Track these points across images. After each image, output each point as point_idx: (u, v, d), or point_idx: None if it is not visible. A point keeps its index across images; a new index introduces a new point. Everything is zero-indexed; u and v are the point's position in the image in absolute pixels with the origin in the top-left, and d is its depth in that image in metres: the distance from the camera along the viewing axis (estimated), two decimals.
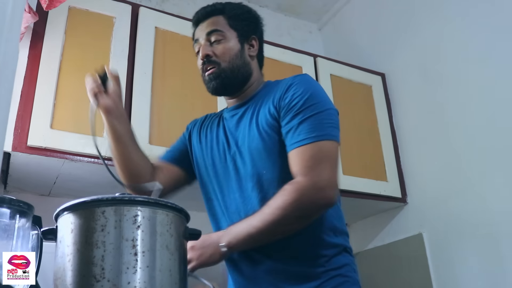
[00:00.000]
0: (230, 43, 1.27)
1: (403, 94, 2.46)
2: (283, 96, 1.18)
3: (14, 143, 1.52)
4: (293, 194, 1.07)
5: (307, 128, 1.12)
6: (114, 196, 0.84)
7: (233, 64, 1.26)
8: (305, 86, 1.19)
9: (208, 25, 1.28)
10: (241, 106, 1.29)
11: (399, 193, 2.29)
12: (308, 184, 1.08)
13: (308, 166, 1.09)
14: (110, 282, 0.77)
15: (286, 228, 1.10)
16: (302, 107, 1.14)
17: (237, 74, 1.26)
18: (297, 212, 1.07)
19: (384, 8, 2.66)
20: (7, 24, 0.66)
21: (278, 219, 1.07)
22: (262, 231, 1.07)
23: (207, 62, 1.25)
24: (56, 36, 1.70)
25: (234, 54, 1.27)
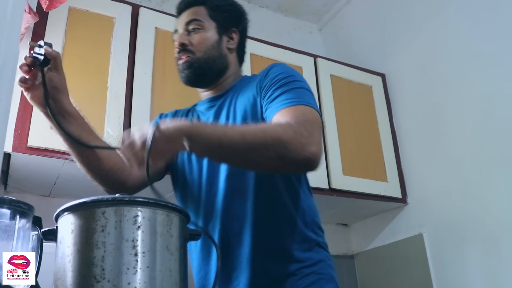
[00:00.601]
0: (207, 33, 1.23)
1: (403, 95, 2.46)
2: (263, 80, 1.15)
3: (14, 143, 1.52)
4: (288, 130, 0.97)
5: (294, 95, 1.07)
6: (114, 196, 0.84)
7: (209, 55, 1.22)
8: (286, 68, 1.17)
9: (188, 15, 1.26)
10: (217, 99, 1.25)
11: (399, 193, 2.29)
12: (303, 131, 0.98)
13: (302, 120, 1.01)
14: (110, 282, 0.77)
15: (258, 158, 0.97)
16: (284, 81, 1.11)
17: (211, 65, 1.22)
18: (281, 149, 0.95)
19: (384, 8, 2.66)
20: (7, 25, 0.66)
21: (258, 143, 0.95)
22: (234, 145, 0.95)
23: (182, 51, 1.22)
24: (56, 37, 1.70)
25: (211, 45, 1.23)
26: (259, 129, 0.98)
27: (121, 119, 1.71)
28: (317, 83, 2.28)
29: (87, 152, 1.13)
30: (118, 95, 1.74)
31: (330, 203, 2.21)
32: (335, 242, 2.49)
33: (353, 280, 2.52)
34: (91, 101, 1.70)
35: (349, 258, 2.57)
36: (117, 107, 1.72)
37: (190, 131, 0.93)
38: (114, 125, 1.69)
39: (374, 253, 2.46)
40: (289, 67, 1.20)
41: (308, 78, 2.25)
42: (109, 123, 1.68)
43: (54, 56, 1.04)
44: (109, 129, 1.67)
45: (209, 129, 0.97)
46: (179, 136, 0.92)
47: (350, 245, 2.63)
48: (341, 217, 2.53)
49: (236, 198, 1.12)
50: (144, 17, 1.91)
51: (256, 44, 2.16)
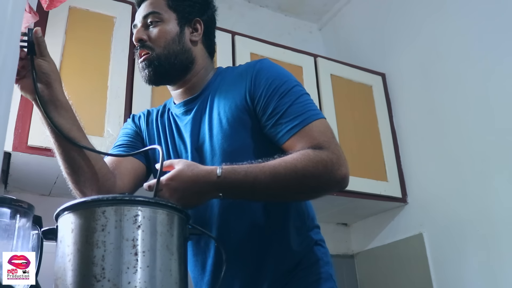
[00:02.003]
0: (167, 26, 1.13)
1: (404, 94, 2.46)
2: (254, 84, 1.07)
3: (14, 143, 1.52)
4: (317, 164, 0.96)
5: (300, 109, 1.03)
6: (114, 196, 0.84)
7: (169, 50, 1.12)
8: (276, 71, 1.10)
9: (146, 7, 1.15)
10: (194, 100, 1.15)
11: (399, 193, 2.29)
12: (334, 157, 0.98)
13: (324, 141, 1.00)
14: (110, 282, 0.77)
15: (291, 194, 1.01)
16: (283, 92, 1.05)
17: (173, 61, 1.12)
18: (313, 184, 0.97)
19: (385, 8, 2.66)
20: (8, 24, 0.66)
21: (291, 184, 0.96)
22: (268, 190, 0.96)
23: (141, 47, 1.13)
24: (57, 36, 1.70)
25: (171, 39, 1.12)
26: (289, 168, 0.95)
27: (121, 118, 1.71)
28: (317, 82, 2.28)
29: (74, 150, 1.04)
30: (118, 95, 1.74)
31: (330, 202, 2.21)
32: (335, 242, 2.49)
33: (353, 279, 2.52)
34: (91, 100, 1.70)
35: (349, 258, 2.57)
36: (117, 107, 1.72)
37: (222, 183, 0.93)
38: (114, 125, 1.69)
39: (374, 253, 2.46)
40: (277, 66, 1.12)
41: (308, 78, 2.26)
42: (109, 122, 1.68)
43: (38, 42, 0.96)
44: (109, 129, 1.67)
45: (240, 176, 0.95)
46: (212, 190, 0.94)
47: (350, 244, 2.63)
48: (341, 216, 2.53)
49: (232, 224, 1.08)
50: None
51: (256, 43, 2.16)
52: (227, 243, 1.03)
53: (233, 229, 1.07)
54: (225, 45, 2.06)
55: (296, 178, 0.95)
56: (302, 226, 1.11)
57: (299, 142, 1.00)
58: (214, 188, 0.94)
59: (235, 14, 2.82)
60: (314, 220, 1.16)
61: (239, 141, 1.06)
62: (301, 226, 1.11)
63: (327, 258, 1.12)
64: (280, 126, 1.03)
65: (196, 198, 0.95)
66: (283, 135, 1.02)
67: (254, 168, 0.96)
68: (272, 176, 0.95)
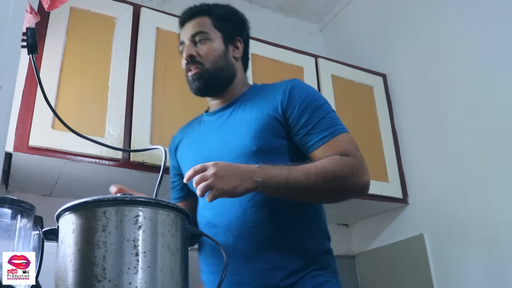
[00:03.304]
0: (214, 44, 1.27)
1: (405, 95, 2.46)
2: (288, 98, 1.19)
3: (15, 143, 1.52)
4: (345, 168, 1.08)
5: (331, 122, 1.17)
6: (115, 196, 0.84)
7: (217, 65, 1.26)
8: (308, 89, 1.24)
9: (193, 26, 1.29)
10: (227, 108, 1.29)
11: (400, 193, 2.29)
12: (358, 164, 1.11)
13: (351, 149, 1.13)
14: (111, 282, 0.77)
15: (321, 195, 1.11)
16: (317, 106, 1.18)
17: (220, 75, 1.27)
18: (341, 186, 1.09)
19: (386, 9, 2.66)
20: (9, 25, 0.66)
21: (320, 183, 1.06)
22: (300, 186, 1.06)
23: (191, 62, 1.26)
24: (58, 37, 1.71)
25: (218, 55, 1.27)
26: (319, 168, 1.07)
27: (122, 119, 1.71)
28: (318, 83, 2.28)
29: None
30: (119, 95, 1.74)
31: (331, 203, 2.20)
32: (336, 242, 2.49)
33: (353, 280, 2.52)
34: (92, 101, 1.70)
35: (350, 258, 2.57)
36: (118, 107, 1.72)
37: (262, 171, 1.04)
38: (115, 125, 1.69)
39: (375, 253, 2.46)
40: (308, 86, 1.26)
41: (309, 78, 2.26)
42: (110, 123, 1.68)
43: None
44: (110, 129, 1.68)
45: (277, 169, 1.06)
46: (251, 175, 1.03)
47: (351, 245, 2.62)
48: (342, 217, 2.53)
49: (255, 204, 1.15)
50: (145, 17, 1.91)
51: (257, 44, 2.16)
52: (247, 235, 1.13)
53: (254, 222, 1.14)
54: None
55: (325, 178, 1.06)
56: (319, 231, 1.22)
57: (328, 150, 1.13)
58: (254, 174, 1.03)
59: None
60: (328, 231, 1.26)
61: (267, 143, 1.17)
62: (319, 230, 1.21)
63: (336, 267, 1.22)
64: (312, 135, 1.16)
65: (239, 181, 1.01)
66: (314, 143, 1.15)
67: (288, 166, 1.08)
68: (304, 174, 1.06)
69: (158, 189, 0.98)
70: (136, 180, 1.78)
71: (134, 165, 1.69)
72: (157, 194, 0.97)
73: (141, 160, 1.68)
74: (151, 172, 1.71)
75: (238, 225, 1.14)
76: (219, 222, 1.17)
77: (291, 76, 2.18)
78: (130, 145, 1.69)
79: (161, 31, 1.94)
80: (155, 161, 1.70)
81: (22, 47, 0.94)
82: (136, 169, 1.70)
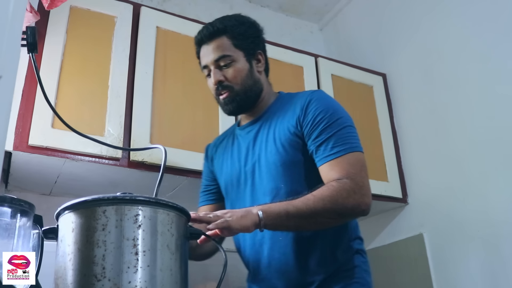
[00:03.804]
0: (239, 65, 1.30)
1: (404, 95, 2.46)
2: (304, 113, 1.24)
3: (15, 142, 1.52)
4: (342, 192, 1.12)
5: (339, 141, 1.19)
6: (115, 195, 0.84)
7: (245, 85, 1.30)
8: (325, 103, 1.26)
9: (214, 50, 1.30)
10: (256, 122, 1.35)
11: (400, 193, 2.29)
12: (355, 187, 1.14)
13: (351, 172, 1.16)
14: (111, 281, 0.77)
15: (322, 220, 1.14)
16: (329, 122, 1.21)
17: (250, 94, 1.32)
18: (339, 209, 1.12)
19: (385, 8, 2.66)
20: (9, 23, 0.66)
21: (319, 208, 1.10)
22: (300, 214, 1.10)
23: (221, 88, 1.30)
24: (58, 36, 1.70)
25: (245, 75, 1.31)
26: (317, 196, 1.11)
27: (122, 118, 1.71)
28: (318, 82, 2.28)
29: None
30: (119, 94, 1.74)
31: None
32: None
33: None
34: (92, 100, 1.70)
35: None
36: (118, 106, 1.72)
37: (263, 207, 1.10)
38: (115, 124, 1.69)
39: (375, 253, 2.45)
40: (329, 98, 1.30)
41: (309, 78, 2.26)
42: (109, 122, 1.68)
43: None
44: (110, 128, 1.68)
45: (276, 204, 1.11)
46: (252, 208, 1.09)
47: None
48: None
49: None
50: (145, 16, 1.91)
51: None
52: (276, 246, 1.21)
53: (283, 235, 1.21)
54: None
55: (323, 204, 1.10)
56: (344, 236, 1.25)
57: (331, 170, 1.17)
58: (254, 208, 1.09)
59: None
60: (357, 232, 1.30)
61: (289, 157, 1.23)
62: (343, 236, 1.25)
63: (366, 266, 1.26)
64: (319, 152, 1.20)
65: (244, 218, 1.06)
66: (319, 160, 1.20)
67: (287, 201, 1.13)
68: (302, 202, 1.11)
69: (158, 188, 0.98)
70: (135, 180, 1.78)
71: (133, 164, 1.69)
72: (157, 193, 0.97)
73: (140, 160, 1.68)
74: (150, 171, 1.71)
75: (270, 238, 1.21)
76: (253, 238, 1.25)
77: (291, 76, 2.21)
78: (129, 144, 1.69)
79: (161, 30, 1.93)
80: (155, 160, 1.70)
81: (22, 46, 0.93)
82: (136, 168, 1.70)
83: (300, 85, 2.22)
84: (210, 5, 2.73)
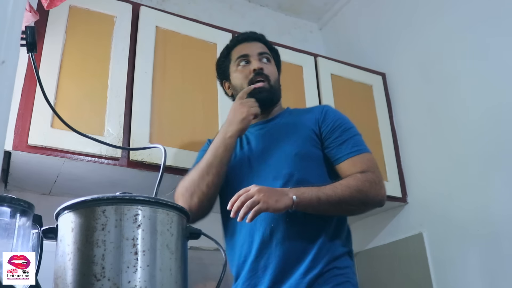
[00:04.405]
0: (273, 68, 1.50)
1: (404, 94, 2.46)
2: (324, 116, 1.40)
3: (14, 142, 1.52)
4: (365, 182, 1.26)
5: (358, 142, 1.36)
6: (114, 195, 0.84)
7: (276, 85, 1.47)
8: (340, 115, 1.44)
9: (259, 47, 1.49)
10: (268, 122, 1.47)
11: (400, 192, 2.29)
12: (377, 179, 1.30)
13: (372, 167, 1.32)
14: (110, 281, 0.77)
15: (347, 207, 1.27)
16: (347, 127, 1.38)
17: (277, 93, 1.47)
18: (363, 198, 1.26)
19: (385, 8, 2.66)
20: (8, 23, 0.66)
21: (346, 196, 1.23)
22: (329, 200, 1.22)
23: (259, 74, 1.42)
24: (57, 35, 1.70)
25: (277, 78, 1.49)
26: (343, 184, 1.25)
27: (121, 118, 1.71)
28: (318, 82, 2.28)
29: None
30: (118, 94, 1.74)
31: None
32: None
33: None
34: (91, 99, 1.70)
35: None
36: (117, 106, 1.72)
37: (294, 190, 1.21)
38: (115, 124, 1.69)
39: (374, 252, 2.46)
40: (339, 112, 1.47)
41: (309, 77, 2.26)
42: (109, 122, 1.68)
43: None
44: (109, 128, 1.68)
45: (306, 189, 1.22)
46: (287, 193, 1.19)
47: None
48: None
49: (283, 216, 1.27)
50: (144, 16, 1.91)
51: None
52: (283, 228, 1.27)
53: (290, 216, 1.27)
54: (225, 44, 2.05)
55: (350, 192, 1.24)
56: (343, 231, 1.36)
57: (353, 165, 1.31)
58: (290, 192, 1.19)
59: (236, 14, 2.82)
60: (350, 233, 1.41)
61: (304, 150, 1.35)
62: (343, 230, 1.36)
63: (354, 269, 1.36)
64: (341, 149, 1.34)
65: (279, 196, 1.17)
66: (342, 156, 1.34)
67: (316, 186, 1.24)
68: (331, 189, 1.23)
69: (158, 188, 0.98)
70: (135, 179, 1.78)
71: (133, 164, 1.69)
72: (156, 193, 0.97)
73: (140, 159, 1.68)
74: (150, 171, 1.71)
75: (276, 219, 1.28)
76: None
77: (290, 75, 2.21)
78: (129, 144, 1.68)
79: (161, 30, 1.93)
80: (154, 160, 1.70)
81: (22, 45, 0.93)
82: (135, 168, 1.70)
83: (300, 85, 2.22)
84: (209, 4, 2.73)
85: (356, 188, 1.24)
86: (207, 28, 2.07)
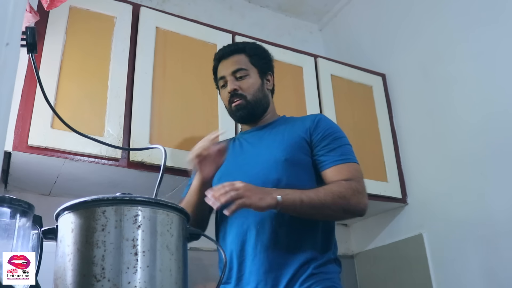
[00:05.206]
0: (253, 79, 1.48)
1: (404, 95, 2.46)
2: (315, 125, 1.42)
3: (14, 142, 1.52)
4: (348, 190, 1.28)
5: (346, 152, 1.39)
6: (114, 195, 0.84)
7: (256, 97, 1.47)
8: (332, 123, 1.47)
9: (232, 64, 1.49)
10: (261, 129, 1.50)
11: (399, 193, 2.29)
12: (360, 188, 1.32)
13: (357, 176, 1.34)
14: (110, 281, 0.77)
15: (329, 212, 1.27)
16: (337, 136, 1.41)
17: (259, 105, 1.48)
18: (345, 204, 1.27)
19: (385, 8, 2.66)
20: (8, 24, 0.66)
21: (329, 201, 1.24)
22: (312, 203, 1.22)
23: (234, 95, 1.46)
24: (57, 36, 1.70)
25: (257, 88, 1.48)
26: (327, 189, 1.27)
27: (121, 118, 1.71)
28: (318, 83, 2.28)
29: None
30: (118, 95, 1.74)
31: None
32: None
33: (353, 280, 2.52)
34: (91, 100, 1.70)
35: (349, 258, 2.57)
36: (117, 107, 1.72)
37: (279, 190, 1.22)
38: (115, 125, 1.69)
39: (374, 253, 2.46)
40: (332, 121, 1.50)
41: (309, 78, 2.26)
42: (109, 122, 1.68)
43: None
44: (109, 128, 1.68)
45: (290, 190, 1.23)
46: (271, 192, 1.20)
47: (350, 245, 2.63)
48: None
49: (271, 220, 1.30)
50: (144, 17, 1.91)
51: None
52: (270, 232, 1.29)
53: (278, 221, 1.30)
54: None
55: (332, 197, 1.25)
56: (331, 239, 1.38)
57: (338, 172, 1.34)
58: (274, 192, 1.20)
59: (236, 14, 2.82)
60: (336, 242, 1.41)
61: (294, 156, 1.37)
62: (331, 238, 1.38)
63: (340, 275, 1.37)
64: (329, 156, 1.37)
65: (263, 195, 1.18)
66: (330, 162, 1.36)
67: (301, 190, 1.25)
68: (314, 193, 1.25)
69: (158, 188, 0.98)
70: (135, 180, 1.78)
71: (133, 164, 1.69)
72: (156, 193, 0.97)
73: (140, 160, 1.68)
74: (150, 171, 1.71)
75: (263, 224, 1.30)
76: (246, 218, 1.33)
77: (290, 76, 2.21)
78: (129, 144, 1.69)
79: (161, 31, 1.94)
80: (154, 160, 1.70)
81: (22, 46, 0.93)
82: (135, 169, 1.70)
83: (300, 86, 2.22)
84: (209, 5, 2.73)
85: (339, 194, 1.26)
86: (207, 28, 2.07)
